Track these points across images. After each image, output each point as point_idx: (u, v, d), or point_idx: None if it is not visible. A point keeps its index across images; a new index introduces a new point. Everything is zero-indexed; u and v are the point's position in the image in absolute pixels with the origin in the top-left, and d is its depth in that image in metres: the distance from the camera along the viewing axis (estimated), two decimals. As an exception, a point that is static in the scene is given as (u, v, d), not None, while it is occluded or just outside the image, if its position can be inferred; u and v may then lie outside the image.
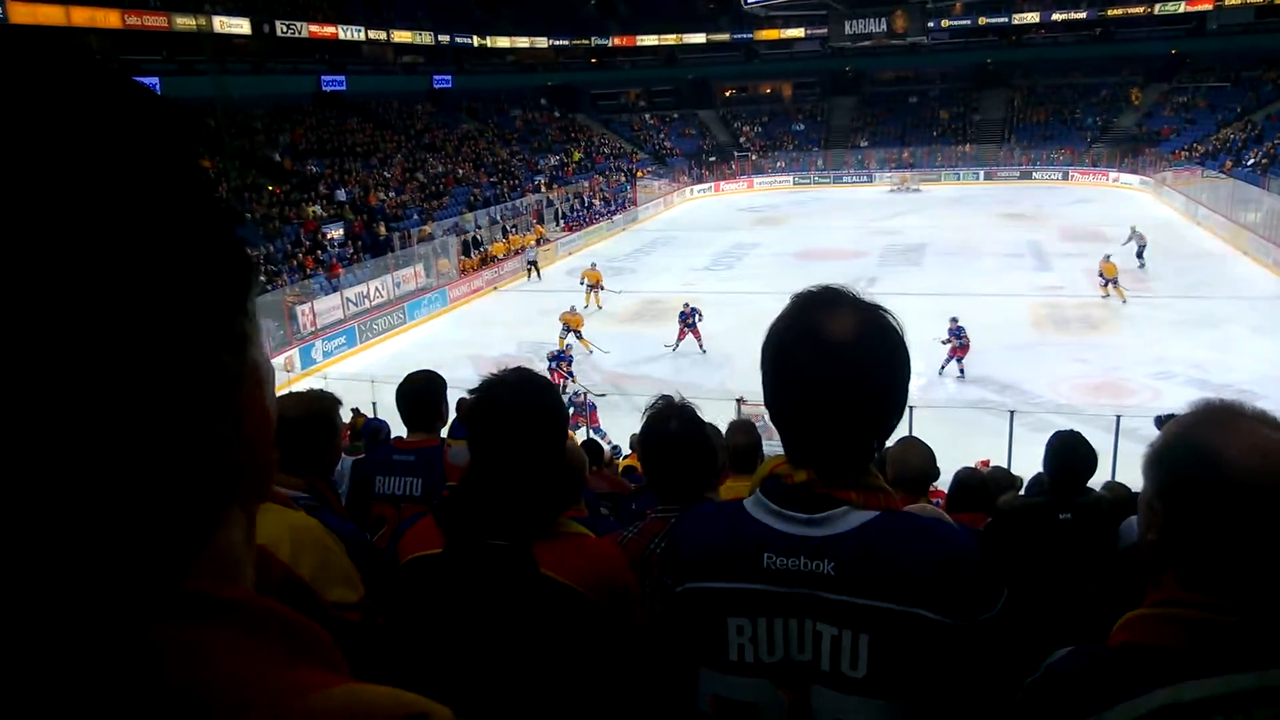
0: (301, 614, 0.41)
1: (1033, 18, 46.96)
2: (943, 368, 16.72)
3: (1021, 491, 6.33)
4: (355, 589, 1.67)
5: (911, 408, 12.10)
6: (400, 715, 0.36)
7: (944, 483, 5.07)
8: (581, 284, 23.24)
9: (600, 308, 22.50)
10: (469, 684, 1.53)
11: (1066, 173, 41.84)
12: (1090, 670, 1.00)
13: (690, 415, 2.17)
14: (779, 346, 1.22)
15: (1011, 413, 12.71)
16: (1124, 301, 20.60)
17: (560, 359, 16.92)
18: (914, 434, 12.12)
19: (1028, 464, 7.91)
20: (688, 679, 1.27)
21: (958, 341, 16.62)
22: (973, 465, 8.74)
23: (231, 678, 0.35)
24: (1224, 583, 0.96)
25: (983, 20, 47.83)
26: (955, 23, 48.54)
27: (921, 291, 22.42)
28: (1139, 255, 23.98)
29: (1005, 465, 10.86)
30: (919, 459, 3.39)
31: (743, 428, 3.94)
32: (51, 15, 25.54)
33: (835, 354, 1.15)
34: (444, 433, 3.44)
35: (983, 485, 4.51)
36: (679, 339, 18.82)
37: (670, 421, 2.12)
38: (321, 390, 2.40)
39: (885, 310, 1.21)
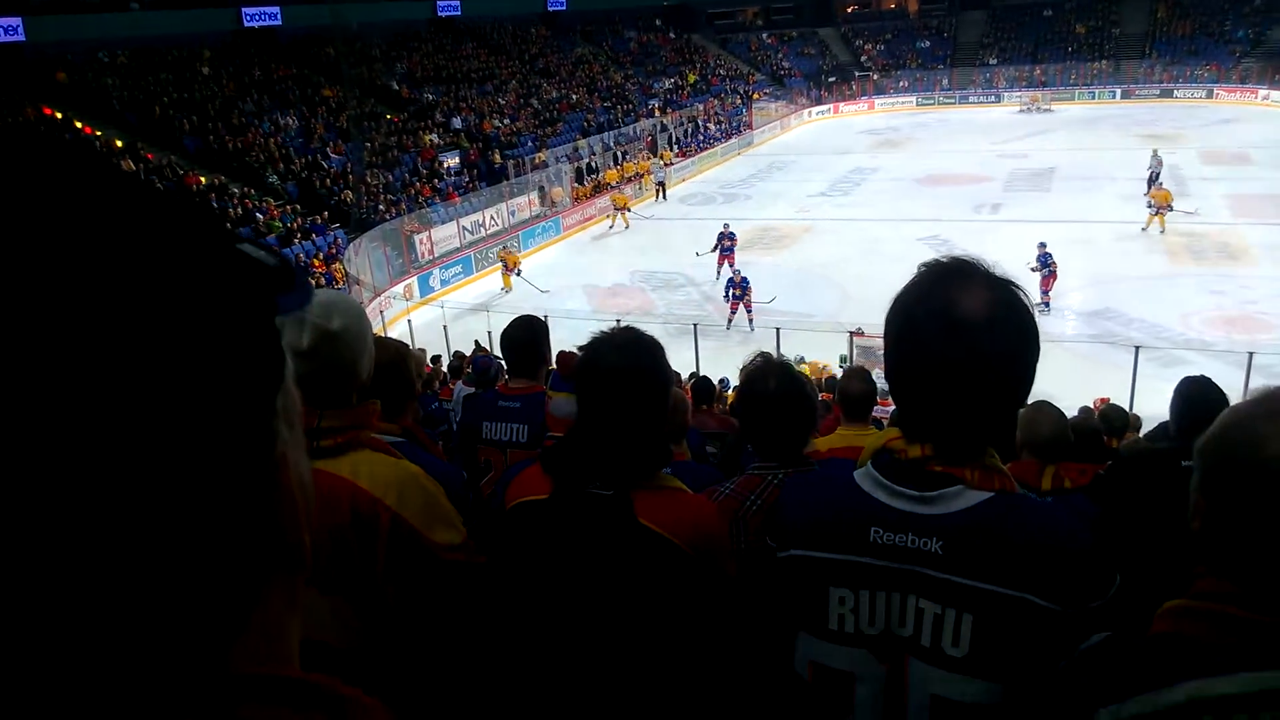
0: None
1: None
2: (1045, 302, 15.77)
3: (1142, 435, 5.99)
4: (458, 530, 1.73)
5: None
6: None
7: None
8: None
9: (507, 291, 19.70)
10: (565, 626, 1.61)
11: (1211, 90, 38.56)
12: (1119, 658, 0.99)
13: (788, 373, 2.17)
14: (908, 320, 1.19)
15: (1137, 348, 12.05)
16: (1161, 231, 19.48)
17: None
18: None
19: (1153, 403, 7.51)
20: (785, 642, 1.29)
21: (1044, 270, 15.84)
22: (1089, 405, 8.34)
23: None
24: (1259, 579, 0.93)
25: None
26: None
27: (1047, 218, 21.29)
28: (1152, 181, 22.27)
29: (1128, 404, 10.37)
30: (1050, 426, 3.24)
31: (859, 374, 3.87)
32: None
33: (967, 333, 1.12)
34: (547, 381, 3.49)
35: (1094, 434, 4.29)
36: (718, 264, 18.67)
37: (768, 380, 2.11)
38: (393, 339, 2.48)
39: (1018, 286, 1.18)
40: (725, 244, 18.75)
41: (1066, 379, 11.63)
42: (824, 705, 1.25)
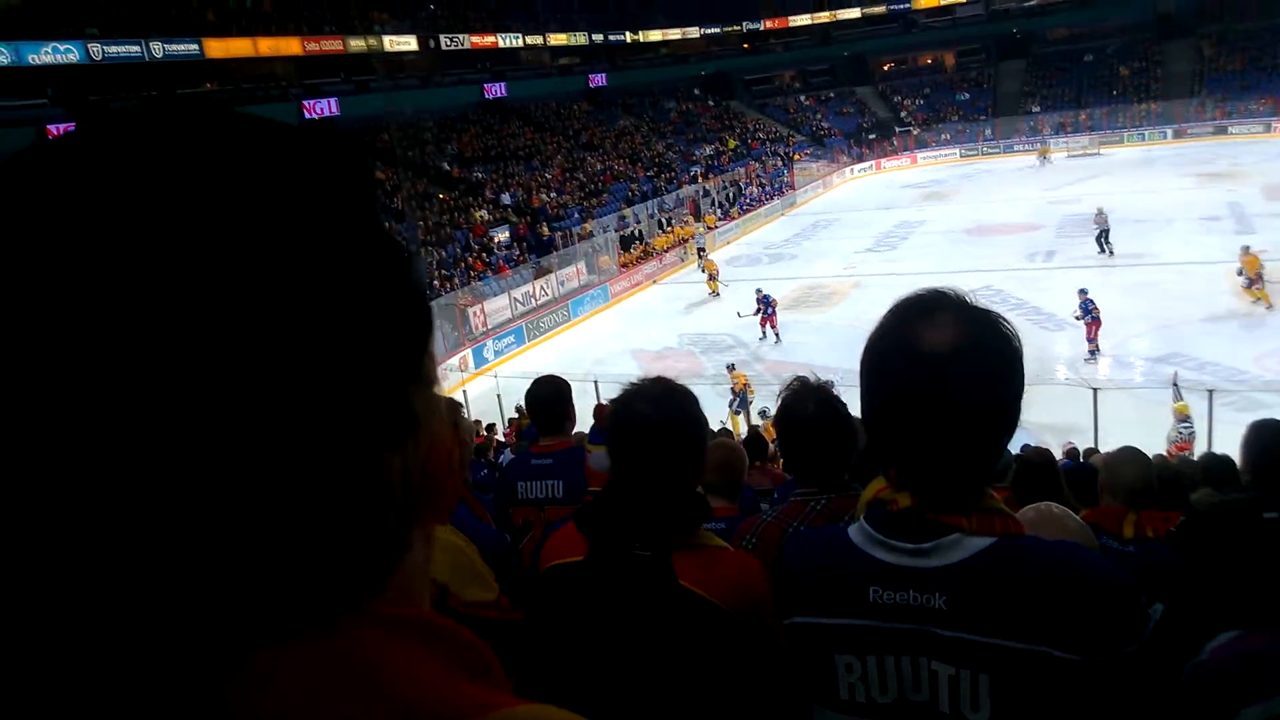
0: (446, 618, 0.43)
1: (1221, -43, 42.88)
2: (1093, 349, 15.60)
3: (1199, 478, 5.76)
4: (489, 588, 1.72)
5: (1095, 390, 11.48)
6: None
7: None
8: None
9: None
10: (605, 691, 1.54)
11: (1269, 124, 37.77)
12: (1241, 662, 0.96)
13: (827, 396, 2.11)
14: (874, 359, 1.13)
15: (1210, 391, 11.67)
16: (1269, 306, 16.75)
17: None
18: (1099, 416, 11.40)
19: (1228, 448, 7.27)
20: (804, 712, 1.21)
21: (1087, 316, 15.55)
22: (1163, 454, 8.11)
23: (421, 686, 0.37)
24: None
25: (1164, -38, 44.01)
26: (1134, -33, 44.86)
27: (1105, 263, 20.98)
28: (1101, 240, 21.96)
29: (1206, 448, 10.04)
30: (1134, 471, 3.06)
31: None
32: (242, 48, 27.83)
33: (934, 366, 1.05)
34: (577, 433, 3.53)
35: (1175, 481, 4.15)
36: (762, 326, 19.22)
37: (807, 404, 2.06)
38: (445, 397, 2.49)
39: (996, 316, 1.10)
40: (765, 307, 19.02)
41: (1133, 426, 11.39)
42: None
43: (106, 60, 23.60)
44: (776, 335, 18.90)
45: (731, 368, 15.88)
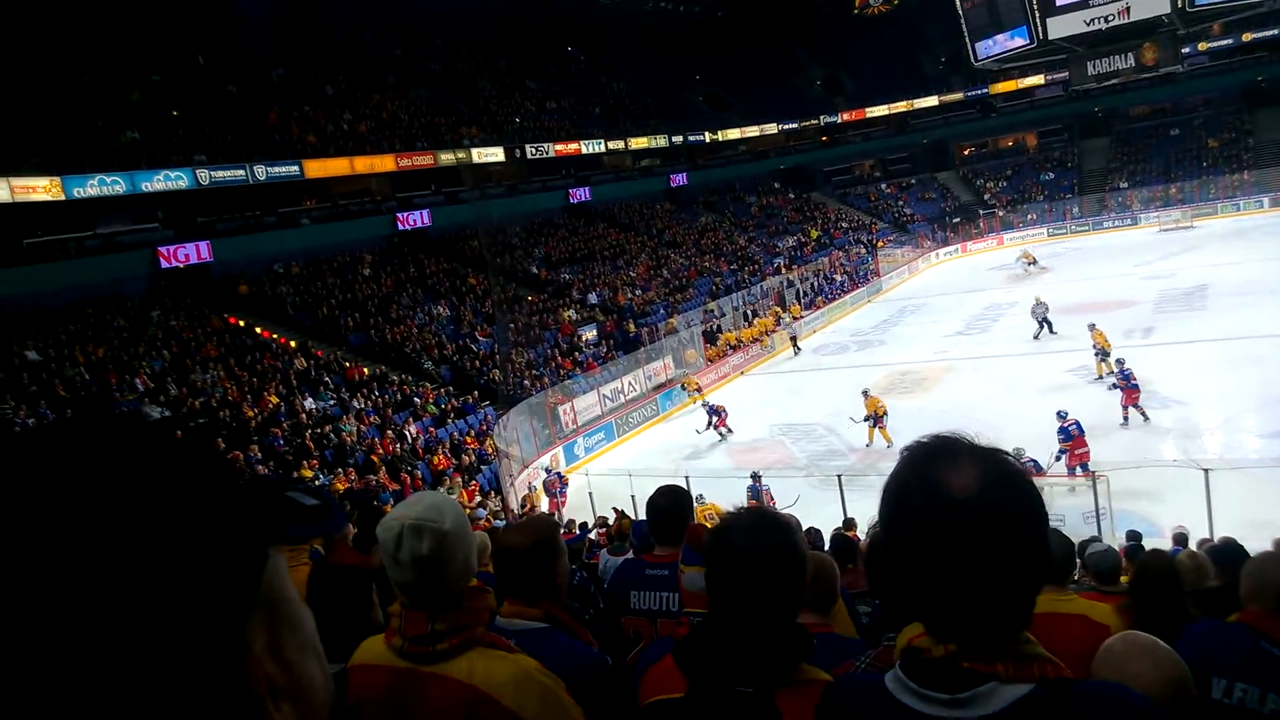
0: None
1: (1309, 24, 41.92)
2: (1125, 417, 15.87)
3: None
4: None
5: (1206, 471, 10.99)
6: None
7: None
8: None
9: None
10: None
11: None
12: None
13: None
14: (900, 508, 1.10)
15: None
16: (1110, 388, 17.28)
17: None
18: (1210, 498, 10.86)
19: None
20: None
21: (1128, 384, 15.90)
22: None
23: None
24: None
25: (1248, 36, 43.26)
26: (1215, 44, 44.28)
27: (1206, 337, 20.22)
28: (1043, 324, 23.17)
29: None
30: None
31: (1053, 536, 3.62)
32: (339, 167, 29.66)
33: (962, 511, 1.03)
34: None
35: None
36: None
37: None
38: (542, 515, 2.53)
39: (1006, 454, 1.10)
40: (712, 415, 20.23)
41: (1248, 508, 10.82)
42: None
43: (213, 184, 25.40)
44: (727, 431, 20.18)
45: (866, 393, 18.10)
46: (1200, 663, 2.20)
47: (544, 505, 16.81)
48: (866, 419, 17.81)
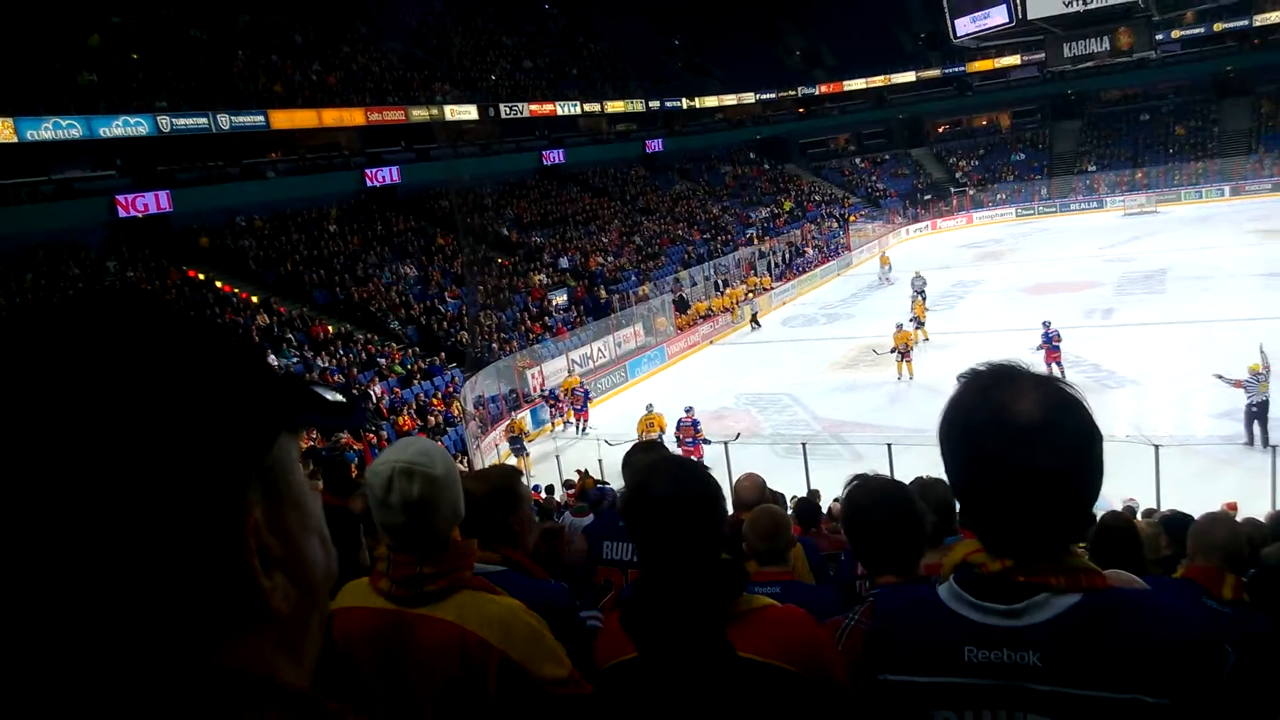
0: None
1: (1277, 17, 42.39)
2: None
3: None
4: (563, 664, 1.71)
5: (1157, 446, 11.20)
6: None
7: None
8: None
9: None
10: None
11: (1329, 180, 37.17)
12: None
13: (891, 490, 2.14)
14: (964, 433, 1.17)
15: (1275, 447, 11.44)
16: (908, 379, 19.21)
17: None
18: (1160, 473, 11.18)
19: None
20: None
21: (1049, 346, 17.22)
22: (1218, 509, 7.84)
23: None
24: None
25: (1219, 26, 43.83)
26: (1187, 32, 44.76)
27: (1165, 320, 20.56)
28: (919, 294, 24.01)
29: (1271, 507, 9.71)
30: (1224, 533, 3.06)
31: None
32: (306, 119, 28.91)
33: (1028, 436, 1.10)
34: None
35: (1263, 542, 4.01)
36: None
37: (875, 507, 2.09)
38: (502, 465, 2.53)
39: (1064, 382, 1.17)
40: (579, 402, 19.88)
41: (1193, 482, 11.08)
42: None
43: (175, 132, 24.56)
44: (582, 428, 19.60)
45: (900, 326, 19.67)
46: None
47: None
48: (893, 351, 19.50)
